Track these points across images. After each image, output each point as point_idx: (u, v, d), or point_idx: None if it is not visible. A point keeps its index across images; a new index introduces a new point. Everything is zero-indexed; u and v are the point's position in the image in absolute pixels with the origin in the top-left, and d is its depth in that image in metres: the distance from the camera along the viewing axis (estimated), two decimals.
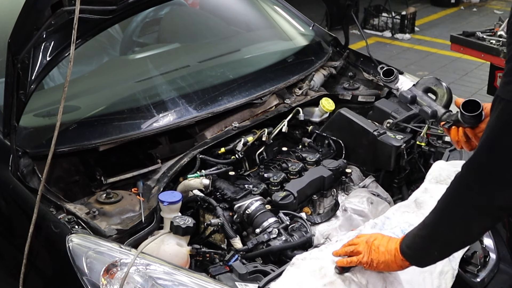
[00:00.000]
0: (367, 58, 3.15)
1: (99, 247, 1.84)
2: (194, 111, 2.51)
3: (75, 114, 2.40)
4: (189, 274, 1.80)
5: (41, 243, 1.96)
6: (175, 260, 1.90)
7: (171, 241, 1.96)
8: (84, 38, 2.05)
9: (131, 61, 3.03)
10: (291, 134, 2.77)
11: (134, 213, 2.08)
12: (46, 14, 1.85)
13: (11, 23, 1.88)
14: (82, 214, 1.99)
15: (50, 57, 1.97)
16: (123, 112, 2.47)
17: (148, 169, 2.30)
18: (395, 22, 8.10)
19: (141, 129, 2.36)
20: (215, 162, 2.38)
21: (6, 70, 1.94)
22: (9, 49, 1.88)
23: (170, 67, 2.83)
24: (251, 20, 3.44)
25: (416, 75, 3.68)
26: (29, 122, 2.30)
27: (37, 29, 1.87)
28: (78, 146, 2.23)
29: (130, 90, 2.65)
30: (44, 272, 2.04)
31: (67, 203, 2.04)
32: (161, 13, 3.45)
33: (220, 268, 1.93)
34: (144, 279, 1.74)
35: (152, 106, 2.49)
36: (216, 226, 2.12)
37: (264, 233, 2.06)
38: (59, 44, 1.96)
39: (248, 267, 1.90)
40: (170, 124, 2.42)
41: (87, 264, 1.81)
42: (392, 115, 2.70)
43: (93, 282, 1.77)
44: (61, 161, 2.28)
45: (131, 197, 2.16)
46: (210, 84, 2.72)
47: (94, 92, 2.68)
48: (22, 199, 2.05)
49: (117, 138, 2.29)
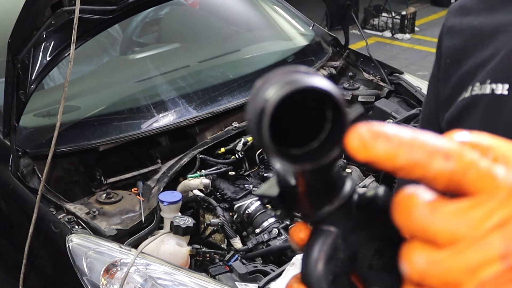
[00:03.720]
0: (367, 58, 3.15)
1: (99, 247, 1.85)
2: (194, 111, 2.51)
3: (75, 114, 2.40)
4: (189, 274, 1.80)
5: (41, 243, 1.96)
6: (175, 260, 1.90)
7: (171, 241, 1.96)
8: (84, 38, 2.05)
9: (131, 61, 3.04)
10: None
11: (134, 213, 2.08)
12: (46, 14, 1.85)
13: (11, 23, 1.88)
14: (82, 214, 1.99)
15: (50, 57, 1.97)
16: (123, 112, 2.47)
17: (148, 169, 2.30)
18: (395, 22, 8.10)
19: (141, 129, 2.36)
20: (215, 162, 2.38)
21: (6, 70, 1.95)
22: (9, 49, 1.89)
23: (170, 67, 2.84)
24: (251, 20, 3.44)
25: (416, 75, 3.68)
26: (29, 122, 2.31)
27: (37, 29, 1.87)
28: (78, 146, 2.23)
29: (130, 90, 2.66)
30: (44, 272, 2.04)
31: (67, 203, 2.04)
32: (161, 13, 3.45)
33: (220, 268, 1.93)
34: (144, 279, 1.74)
35: (152, 106, 2.49)
36: (216, 226, 2.12)
37: (264, 233, 2.06)
38: (59, 44, 1.97)
39: (248, 267, 1.90)
40: (170, 124, 2.43)
41: (87, 264, 1.81)
42: (392, 115, 2.70)
43: (93, 282, 1.77)
44: (61, 161, 2.28)
45: (131, 197, 2.16)
46: (210, 84, 2.72)
47: (94, 92, 2.68)
48: (22, 199, 2.05)
49: (117, 138, 2.29)
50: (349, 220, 0.46)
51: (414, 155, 0.35)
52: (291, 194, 0.46)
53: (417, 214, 0.35)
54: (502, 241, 0.34)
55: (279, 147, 0.38)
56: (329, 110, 0.39)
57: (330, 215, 0.46)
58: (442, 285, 0.35)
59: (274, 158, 0.39)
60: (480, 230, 0.34)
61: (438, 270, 0.34)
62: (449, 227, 0.34)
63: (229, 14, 3.46)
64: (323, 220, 0.46)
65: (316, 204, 0.46)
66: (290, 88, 0.38)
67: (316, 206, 0.46)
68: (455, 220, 0.34)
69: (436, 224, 0.34)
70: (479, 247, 0.34)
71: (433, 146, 0.35)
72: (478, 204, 0.34)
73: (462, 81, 0.82)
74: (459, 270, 0.34)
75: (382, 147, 0.35)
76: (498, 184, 0.35)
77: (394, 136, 0.35)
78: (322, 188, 0.45)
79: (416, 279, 0.35)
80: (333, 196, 0.46)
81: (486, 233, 0.34)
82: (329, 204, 0.45)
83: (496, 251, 0.34)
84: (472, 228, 0.34)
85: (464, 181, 0.35)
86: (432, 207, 0.35)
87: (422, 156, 0.35)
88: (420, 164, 0.35)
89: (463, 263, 0.34)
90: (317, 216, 0.46)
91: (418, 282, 0.35)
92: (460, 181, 0.35)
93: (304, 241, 0.47)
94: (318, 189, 0.45)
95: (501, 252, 0.34)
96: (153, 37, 3.39)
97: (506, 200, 0.34)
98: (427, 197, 0.35)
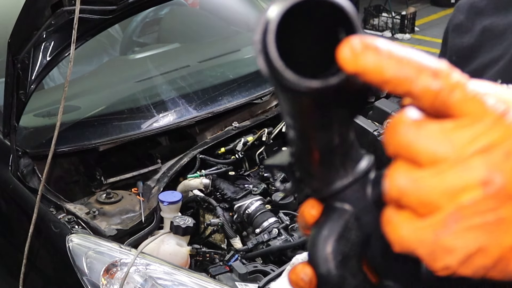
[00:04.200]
0: None
1: (99, 247, 1.85)
2: (194, 111, 2.52)
3: (75, 114, 2.40)
4: (189, 274, 1.80)
5: (41, 243, 1.97)
6: (175, 260, 1.91)
7: (171, 241, 1.97)
8: (84, 38, 2.05)
9: (131, 61, 3.04)
10: None
11: (134, 213, 2.08)
12: (46, 14, 1.85)
13: (11, 23, 1.88)
14: (82, 214, 1.99)
15: (50, 57, 1.97)
16: (123, 112, 2.47)
17: (148, 169, 2.31)
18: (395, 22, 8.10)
19: (141, 129, 2.37)
20: (215, 162, 2.38)
21: (6, 70, 1.95)
22: (9, 49, 1.89)
23: (170, 67, 2.84)
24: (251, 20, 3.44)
25: None
26: (29, 122, 2.31)
27: (37, 29, 1.87)
28: (78, 146, 2.23)
29: (130, 90, 2.66)
30: (44, 272, 2.04)
31: (67, 203, 2.04)
32: (161, 13, 3.45)
33: (220, 268, 1.93)
34: (144, 279, 1.74)
35: (152, 106, 2.49)
36: (216, 226, 2.12)
37: (264, 233, 2.06)
38: (59, 44, 1.97)
39: (248, 267, 1.90)
40: (170, 124, 2.43)
41: (87, 264, 1.81)
42: (392, 115, 2.70)
43: (93, 282, 1.77)
44: (61, 161, 2.29)
45: (131, 197, 2.16)
46: (210, 84, 2.72)
47: (94, 92, 2.68)
48: (22, 199, 2.06)
49: (117, 138, 2.30)
50: (364, 199, 0.43)
51: (402, 70, 0.34)
52: (304, 164, 0.43)
53: (402, 131, 0.35)
54: (485, 167, 0.33)
55: (287, 64, 0.35)
56: (341, 31, 0.36)
57: (344, 190, 0.42)
58: (420, 205, 0.34)
59: (282, 75, 0.35)
60: (463, 152, 0.33)
61: (416, 188, 0.34)
62: (431, 147, 0.34)
63: (229, 14, 3.46)
64: (336, 196, 0.43)
65: (330, 176, 0.42)
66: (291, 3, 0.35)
67: (329, 179, 0.42)
68: (438, 140, 0.34)
69: (418, 143, 0.34)
70: (460, 170, 0.33)
71: (422, 62, 0.35)
72: (463, 126, 0.34)
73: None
74: (438, 191, 0.34)
75: (371, 58, 0.35)
76: (486, 109, 0.34)
77: (385, 50, 0.35)
78: (337, 156, 0.42)
79: (394, 196, 0.35)
80: (348, 168, 0.42)
81: (468, 157, 0.33)
82: (343, 178, 0.42)
83: (478, 176, 0.33)
84: (454, 150, 0.34)
85: (449, 101, 0.34)
86: (416, 125, 0.35)
87: (410, 71, 0.34)
88: (407, 79, 0.34)
89: (443, 185, 0.33)
90: (330, 191, 0.43)
91: (396, 199, 0.35)
92: (446, 101, 0.34)
93: (315, 218, 0.44)
94: (333, 157, 0.42)
95: (482, 178, 0.33)
96: (153, 37, 3.39)
97: (492, 126, 0.33)
98: (413, 116, 0.35)
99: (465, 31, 0.86)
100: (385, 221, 0.37)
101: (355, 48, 0.35)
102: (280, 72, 0.35)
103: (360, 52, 0.35)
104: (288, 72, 0.35)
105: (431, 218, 0.34)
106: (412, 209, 0.35)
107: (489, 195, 0.33)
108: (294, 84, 0.35)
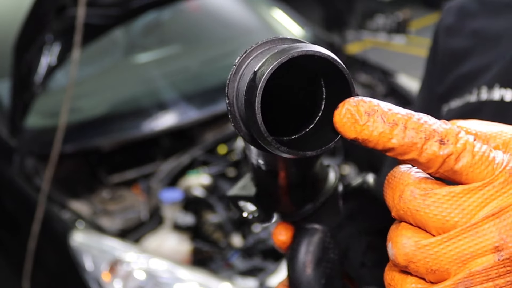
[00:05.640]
0: (363, 61, 3.18)
1: (102, 245, 1.87)
2: (195, 113, 2.54)
3: (78, 115, 2.43)
4: (190, 270, 1.83)
5: (45, 240, 1.99)
6: (176, 257, 1.94)
7: (173, 239, 2.00)
8: (87, 41, 2.08)
9: (133, 63, 3.06)
10: None
11: (136, 212, 2.11)
12: (50, 17, 1.88)
13: (16, 25, 1.91)
14: (85, 213, 2.02)
15: (54, 60, 2.00)
16: (125, 113, 2.50)
17: (150, 169, 2.34)
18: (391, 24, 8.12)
19: (143, 130, 2.39)
20: (215, 161, 2.41)
21: (12, 72, 1.98)
22: (15, 51, 1.92)
23: (171, 69, 2.86)
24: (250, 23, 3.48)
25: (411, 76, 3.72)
26: (34, 123, 2.33)
27: (42, 32, 1.90)
28: (81, 146, 2.26)
29: (132, 91, 2.68)
30: (48, 269, 2.06)
31: (71, 201, 2.07)
32: (163, 17, 3.48)
33: (220, 265, 1.96)
34: (146, 276, 1.77)
35: (153, 107, 2.52)
36: (216, 224, 2.15)
37: (263, 230, 2.09)
38: (64, 47, 1.99)
39: (248, 264, 1.92)
40: (171, 125, 2.46)
41: (91, 261, 1.84)
42: None
43: (96, 278, 1.80)
44: (65, 161, 2.31)
45: (133, 196, 2.19)
46: (211, 85, 2.74)
47: (97, 93, 2.71)
48: (27, 198, 2.08)
49: (119, 138, 2.33)
50: (335, 215, 0.41)
51: (408, 137, 0.32)
52: (270, 192, 0.41)
53: (408, 197, 0.33)
54: (497, 231, 0.31)
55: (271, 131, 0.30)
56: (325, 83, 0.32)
57: (316, 211, 0.40)
58: (428, 272, 0.32)
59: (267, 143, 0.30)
60: (473, 218, 0.32)
61: (426, 256, 0.32)
62: (440, 214, 0.32)
63: (228, 17, 3.50)
64: (308, 218, 0.41)
65: (299, 201, 0.41)
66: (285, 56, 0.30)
67: (298, 203, 0.41)
68: (448, 206, 0.32)
69: (427, 209, 0.32)
70: (471, 236, 0.31)
71: (428, 128, 0.32)
72: (473, 190, 0.32)
73: (461, 82, 0.79)
74: (448, 258, 0.32)
75: (375, 125, 0.32)
76: (494, 170, 0.32)
77: (389, 114, 0.32)
78: (305, 182, 0.40)
79: (401, 263, 0.33)
80: (317, 190, 0.41)
81: (480, 222, 0.31)
82: (312, 201, 0.40)
83: (490, 242, 0.31)
84: (465, 216, 0.32)
85: (458, 166, 0.32)
86: (423, 191, 0.32)
87: (416, 138, 0.32)
88: (413, 147, 0.32)
89: (453, 252, 0.32)
90: (300, 214, 0.41)
91: (403, 266, 0.33)
92: (453, 167, 0.32)
93: (287, 244, 0.42)
94: (301, 184, 0.40)
95: (495, 243, 0.31)
96: (155, 40, 3.42)
97: (503, 187, 0.31)
98: (417, 175, 0.33)
99: (456, 34, 0.84)
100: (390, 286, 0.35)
101: (355, 114, 0.32)
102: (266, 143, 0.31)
103: (362, 118, 0.32)
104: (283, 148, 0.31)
105: (440, 285, 0.33)
106: (420, 275, 0.33)
107: (502, 261, 0.31)
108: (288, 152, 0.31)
